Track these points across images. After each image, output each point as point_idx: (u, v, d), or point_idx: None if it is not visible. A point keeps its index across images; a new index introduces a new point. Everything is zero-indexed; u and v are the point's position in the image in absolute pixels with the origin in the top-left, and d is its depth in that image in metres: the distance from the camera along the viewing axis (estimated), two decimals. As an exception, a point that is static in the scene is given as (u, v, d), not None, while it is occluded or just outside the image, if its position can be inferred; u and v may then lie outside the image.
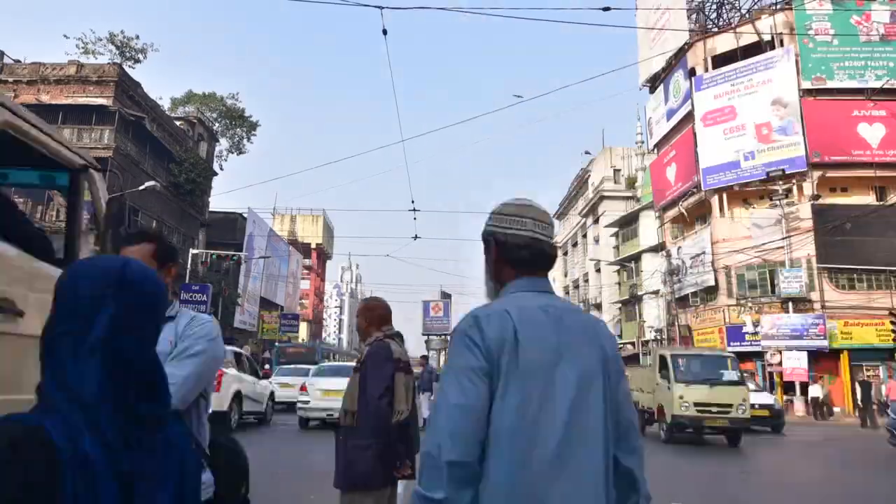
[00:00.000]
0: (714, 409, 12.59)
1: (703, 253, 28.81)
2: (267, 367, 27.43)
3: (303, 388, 13.11)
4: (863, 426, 19.00)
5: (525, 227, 1.40)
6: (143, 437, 0.93)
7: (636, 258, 39.54)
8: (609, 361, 1.35)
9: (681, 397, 12.63)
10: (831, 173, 25.98)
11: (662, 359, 13.95)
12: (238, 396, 11.93)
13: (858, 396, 20.59)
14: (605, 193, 45.79)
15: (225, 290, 35.15)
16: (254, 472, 1.81)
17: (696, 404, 12.54)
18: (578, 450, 1.22)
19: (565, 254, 60.12)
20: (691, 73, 30.33)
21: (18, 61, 29.61)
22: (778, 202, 25.15)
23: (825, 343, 24.01)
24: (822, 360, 24.54)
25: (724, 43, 29.86)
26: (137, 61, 37.02)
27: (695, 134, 29.62)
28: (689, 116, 30.35)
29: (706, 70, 29.84)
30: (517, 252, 1.40)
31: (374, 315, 3.25)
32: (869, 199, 26.34)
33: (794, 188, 26.56)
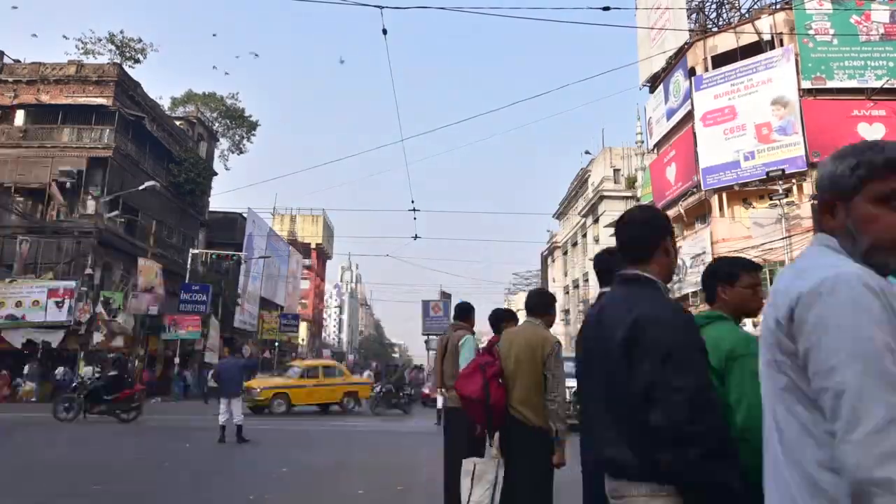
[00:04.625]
0: None
1: (703, 253, 28.80)
2: None
3: None
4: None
5: None
6: None
7: (636, 258, 39.50)
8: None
9: None
10: (831, 173, 25.96)
11: None
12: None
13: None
14: (605, 193, 45.80)
15: (225, 291, 35.13)
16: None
17: None
18: None
19: (565, 253, 60.12)
20: (691, 72, 30.32)
21: (18, 61, 29.60)
22: (778, 202, 25.15)
23: (825, 343, 23.97)
24: (821, 359, 24.53)
25: (724, 43, 29.85)
26: (137, 61, 37.08)
27: (694, 134, 29.60)
28: (688, 116, 30.34)
29: (706, 70, 29.83)
30: None
31: None
32: (869, 198, 26.35)
33: (794, 188, 26.55)
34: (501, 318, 4.47)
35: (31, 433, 12.47)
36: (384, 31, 12.63)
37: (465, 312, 5.52)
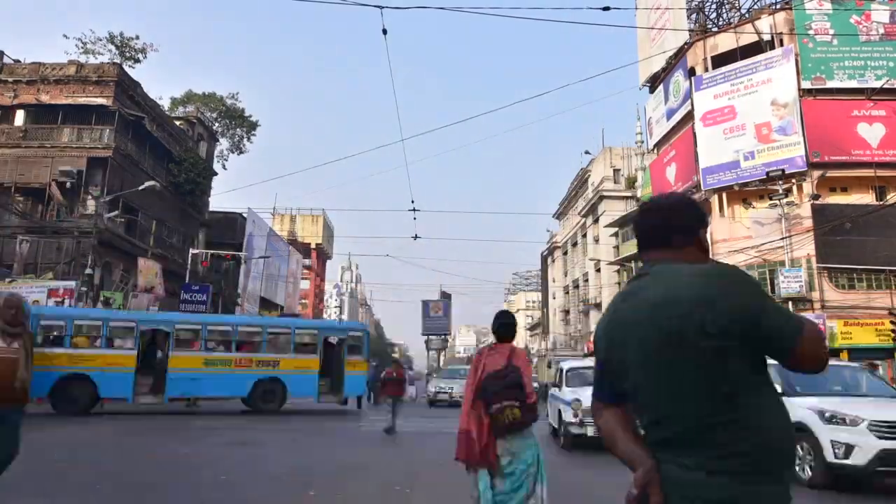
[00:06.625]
0: None
1: (703, 253, 28.79)
2: None
3: None
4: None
5: None
6: None
7: (636, 258, 39.53)
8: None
9: None
10: (831, 173, 25.96)
11: None
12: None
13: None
14: (605, 193, 45.78)
15: (225, 290, 35.13)
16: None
17: None
18: None
19: (565, 253, 60.11)
20: (691, 72, 30.33)
21: (18, 61, 29.61)
22: (778, 202, 25.15)
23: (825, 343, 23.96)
24: (821, 359, 24.52)
25: (723, 43, 29.85)
26: (137, 61, 37.13)
27: (694, 134, 29.61)
28: (688, 116, 30.35)
29: (706, 70, 29.84)
30: None
31: None
32: (869, 198, 26.34)
33: (794, 188, 26.54)
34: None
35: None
36: (384, 31, 12.65)
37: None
